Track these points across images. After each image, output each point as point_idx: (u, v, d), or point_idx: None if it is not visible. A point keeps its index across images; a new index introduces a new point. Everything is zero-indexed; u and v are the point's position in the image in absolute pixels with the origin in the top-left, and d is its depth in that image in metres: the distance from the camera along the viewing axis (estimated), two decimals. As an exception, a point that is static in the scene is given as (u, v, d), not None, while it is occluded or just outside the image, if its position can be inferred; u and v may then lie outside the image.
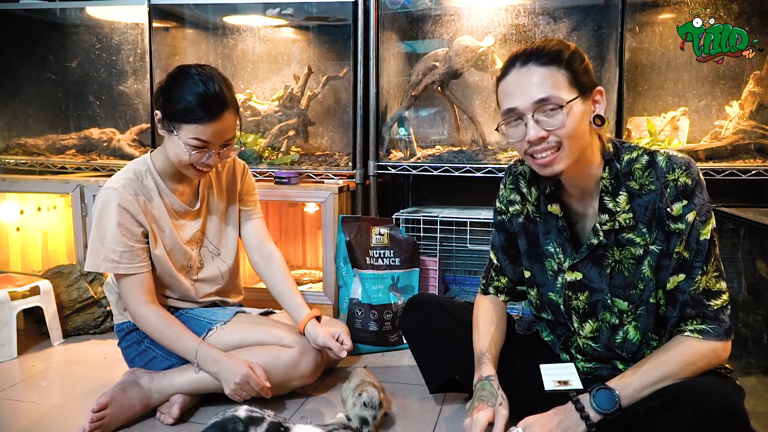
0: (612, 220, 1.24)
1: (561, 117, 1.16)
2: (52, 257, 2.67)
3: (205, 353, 1.55)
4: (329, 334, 1.66)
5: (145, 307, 1.57)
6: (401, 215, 2.39)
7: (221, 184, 1.79)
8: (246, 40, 2.71)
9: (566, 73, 1.17)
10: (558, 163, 1.20)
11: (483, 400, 1.28)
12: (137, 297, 1.57)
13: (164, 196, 1.65)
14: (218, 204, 1.78)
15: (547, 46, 1.19)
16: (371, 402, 1.43)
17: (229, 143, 1.59)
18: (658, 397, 1.16)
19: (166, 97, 1.53)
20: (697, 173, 1.19)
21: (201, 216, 1.74)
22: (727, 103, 2.25)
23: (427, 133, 2.56)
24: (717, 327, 1.18)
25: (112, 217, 1.55)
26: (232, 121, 1.56)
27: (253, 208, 1.86)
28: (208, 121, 1.50)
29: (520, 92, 1.18)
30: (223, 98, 1.51)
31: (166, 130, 1.56)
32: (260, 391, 1.53)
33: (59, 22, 2.75)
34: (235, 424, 1.25)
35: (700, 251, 1.18)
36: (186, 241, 1.70)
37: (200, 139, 1.51)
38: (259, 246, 1.83)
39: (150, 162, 1.65)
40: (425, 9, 2.42)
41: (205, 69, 1.54)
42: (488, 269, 1.54)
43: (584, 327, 1.34)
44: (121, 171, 1.65)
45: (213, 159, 1.57)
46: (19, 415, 1.61)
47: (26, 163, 2.70)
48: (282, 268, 1.81)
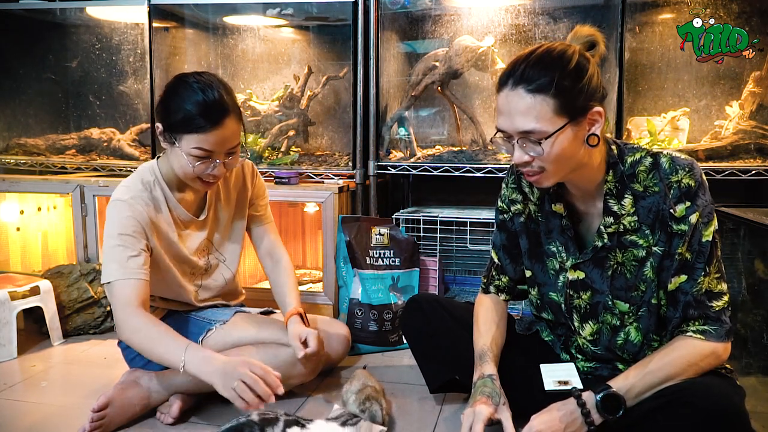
0: (617, 222, 1.24)
1: (543, 147, 1.14)
2: (52, 257, 2.67)
3: (194, 353, 1.37)
4: (297, 334, 1.60)
5: (136, 316, 1.43)
6: (401, 215, 2.39)
7: (229, 190, 1.75)
8: (246, 40, 2.71)
9: (555, 101, 1.12)
10: (544, 182, 1.22)
11: (486, 396, 1.28)
12: (130, 305, 1.44)
13: (171, 206, 1.61)
14: (225, 211, 1.74)
15: (542, 65, 1.13)
16: (373, 422, 1.42)
17: (234, 151, 1.53)
18: (658, 397, 1.16)
19: (166, 108, 1.48)
20: (700, 175, 1.19)
21: (207, 225, 1.70)
22: (727, 103, 2.25)
23: (427, 133, 2.56)
24: (719, 328, 1.18)
25: (119, 228, 1.49)
26: (235, 128, 1.51)
27: (264, 212, 1.83)
28: (209, 129, 1.45)
29: (508, 116, 1.16)
30: (223, 105, 1.46)
31: (168, 143, 1.52)
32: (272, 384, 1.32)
33: (59, 22, 2.75)
34: (252, 428, 1.23)
35: (702, 252, 1.18)
36: (193, 251, 1.67)
37: (203, 148, 1.46)
38: (271, 251, 1.82)
39: (157, 170, 1.60)
40: (425, 9, 2.42)
41: (204, 76, 1.49)
42: (489, 268, 1.54)
43: (584, 328, 1.34)
44: (129, 180, 1.59)
45: (218, 169, 1.51)
46: (19, 415, 1.61)
47: (26, 163, 2.70)
48: (287, 270, 1.79)
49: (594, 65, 1.17)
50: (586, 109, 1.15)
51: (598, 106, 1.16)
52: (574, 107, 1.14)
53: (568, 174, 1.22)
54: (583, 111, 1.15)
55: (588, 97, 1.14)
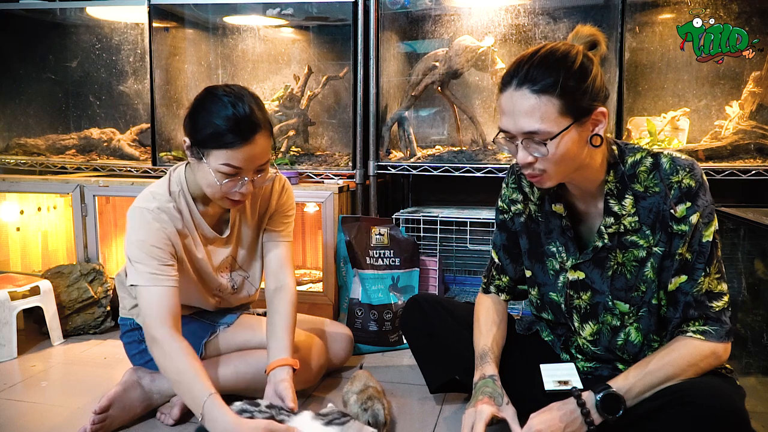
0: (617, 223, 1.24)
1: (548, 148, 1.14)
2: (52, 257, 2.67)
3: (212, 410, 1.30)
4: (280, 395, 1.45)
5: (168, 332, 1.40)
6: (401, 215, 2.39)
7: (256, 204, 1.66)
8: (246, 40, 2.71)
9: (560, 101, 1.11)
10: (545, 182, 1.21)
11: (487, 396, 1.28)
12: (161, 315, 1.41)
13: (196, 221, 1.55)
14: (250, 227, 1.66)
15: (546, 65, 1.12)
16: (376, 421, 1.42)
17: (263, 169, 1.45)
18: (658, 397, 1.16)
19: (193, 123, 1.41)
20: (700, 175, 1.19)
21: (232, 242, 1.65)
22: (727, 103, 2.25)
23: (427, 133, 2.56)
24: (719, 328, 1.18)
25: (146, 237, 1.44)
26: (266, 145, 1.42)
27: (283, 229, 1.69)
28: (239, 145, 1.37)
29: (511, 116, 1.15)
30: (254, 120, 1.38)
31: (195, 158, 1.43)
32: None
33: (59, 22, 2.75)
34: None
35: (702, 253, 1.19)
36: (216, 267, 1.62)
37: (231, 165, 1.38)
38: (277, 273, 1.66)
39: (184, 181, 1.52)
40: (425, 9, 2.42)
41: (234, 89, 1.41)
42: (489, 268, 1.54)
43: (584, 328, 1.34)
44: (156, 187, 1.52)
45: (247, 187, 1.42)
46: (19, 415, 1.61)
47: (26, 163, 2.70)
48: (289, 304, 1.62)
49: (597, 65, 1.17)
50: (590, 110, 1.15)
51: (601, 107, 1.16)
52: (579, 108, 1.14)
53: (570, 174, 1.22)
54: (588, 111, 1.15)
55: (592, 97, 1.15)
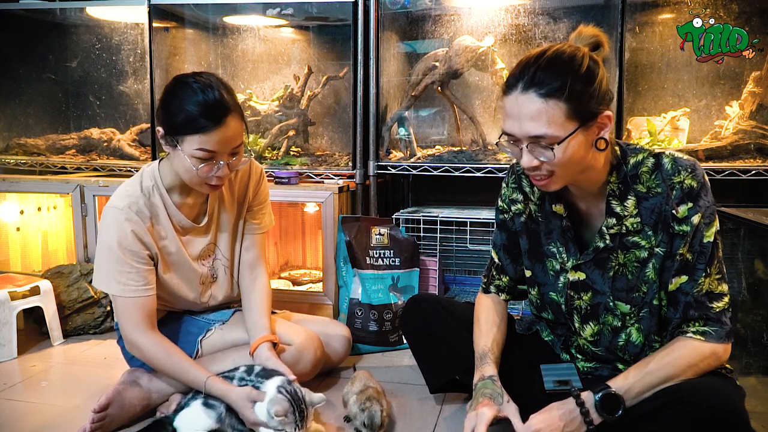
0: (619, 224, 1.24)
1: (554, 152, 1.13)
2: (52, 257, 2.67)
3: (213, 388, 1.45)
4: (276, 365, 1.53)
5: (142, 334, 1.49)
6: (401, 215, 2.39)
7: (233, 191, 1.70)
8: (246, 40, 2.71)
9: (567, 105, 1.10)
10: (551, 185, 1.21)
11: (487, 397, 1.28)
12: (134, 322, 1.49)
13: (171, 213, 1.58)
14: (228, 214, 1.70)
15: (553, 68, 1.11)
16: (371, 422, 1.42)
17: (237, 151, 1.50)
18: (658, 397, 1.16)
19: (166, 111, 1.45)
20: (702, 175, 1.19)
21: (210, 230, 1.67)
22: (727, 103, 2.25)
23: (427, 133, 2.56)
24: (719, 329, 1.18)
25: (118, 239, 1.48)
26: (238, 127, 1.47)
27: (259, 221, 1.76)
28: (211, 129, 1.41)
29: (517, 120, 1.14)
30: (224, 104, 1.43)
31: (170, 146, 1.47)
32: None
33: (59, 22, 2.75)
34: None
35: (703, 253, 1.18)
36: (195, 256, 1.65)
37: (206, 149, 1.43)
38: (253, 265, 1.74)
39: (158, 175, 1.56)
40: (425, 9, 2.42)
41: (203, 76, 1.46)
42: (489, 268, 1.54)
43: (585, 329, 1.34)
44: (128, 185, 1.56)
45: (223, 170, 1.47)
46: (19, 415, 1.61)
47: (26, 163, 2.70)
48: (264, 290, 1.71)
49: (603, 68, 1.16)
50: (597, 114, 1.14)
51: (607, 111, 1.16)
52: (586, 112, 1.13)
53: (574, 177, 1.22)
54: (594, 115, 1.14)
55: (598, 101, 1.14)
